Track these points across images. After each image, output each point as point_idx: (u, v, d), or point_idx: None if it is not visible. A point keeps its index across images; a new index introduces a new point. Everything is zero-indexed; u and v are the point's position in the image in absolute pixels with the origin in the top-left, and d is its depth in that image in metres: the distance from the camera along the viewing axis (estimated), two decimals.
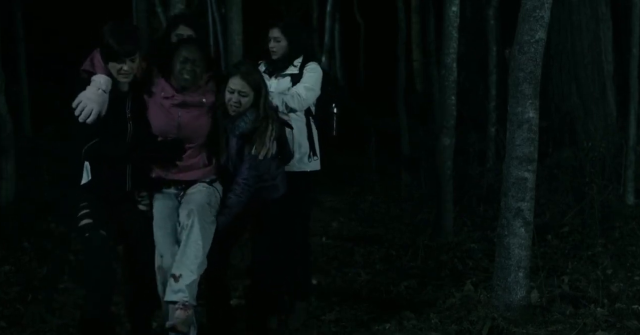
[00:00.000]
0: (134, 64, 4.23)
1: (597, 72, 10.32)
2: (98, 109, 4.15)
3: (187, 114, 4.45)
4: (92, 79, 4.20)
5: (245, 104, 4.48)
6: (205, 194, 4.44)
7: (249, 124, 4.48)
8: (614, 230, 7.15)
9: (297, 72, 5.08)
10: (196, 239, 4.28)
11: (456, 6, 7.00)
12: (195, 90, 4.48)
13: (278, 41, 5.09)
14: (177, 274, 4.24)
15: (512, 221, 4.92)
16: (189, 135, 4.45)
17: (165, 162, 4.42)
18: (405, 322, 5.03)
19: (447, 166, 7.15)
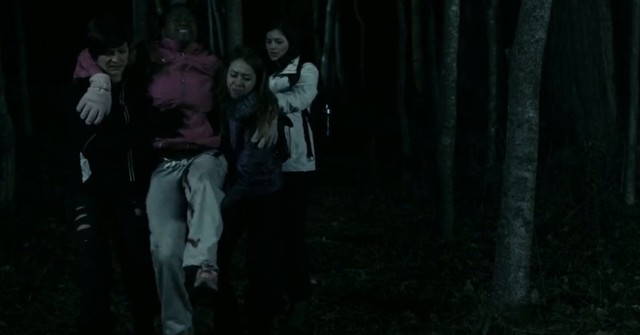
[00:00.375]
0: (123, 56, 4.21)
1: (597, 72, 10.33)
2: (103, 109, 4.16)
3: (192, 79, 4.42)
4: (91, 79, 4.17)
5: (248, 87, 4.45)
6: (213, 162, 4.36)
7: (249, 108, 4.45)
8: (614, 230, 7.15)
9: (294, 72, 5.05)
10: (211, 202, 4.17)
11: (456, 6, 7.00)
12: (194, 53, 4.48)
13: (280, 42, 5.04)
14: (195, 239, 4.12)
15: (512, 221, 4.92)
16: (194, 102, 4.41)
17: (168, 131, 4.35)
18: (406, 322, 5.03)
19: (447, 166, 7.15)
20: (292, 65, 5.07)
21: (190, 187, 4.22)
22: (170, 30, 4.47)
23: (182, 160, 4.40)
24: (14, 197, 7.94)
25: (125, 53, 4.22)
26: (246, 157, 4.45)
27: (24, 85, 13.02)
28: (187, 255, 4.13)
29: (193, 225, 4.14)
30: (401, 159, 10.11)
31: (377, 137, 10.32)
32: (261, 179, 4.53)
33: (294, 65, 5.07)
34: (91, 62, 4.22)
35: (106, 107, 4.17)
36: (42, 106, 12.93)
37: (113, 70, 4.21)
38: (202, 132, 4.43)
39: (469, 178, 9.08)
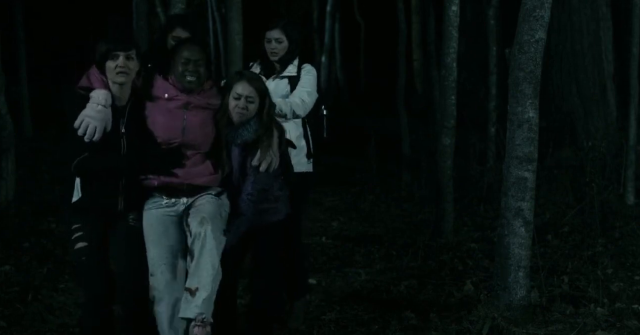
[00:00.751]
0: (130, 63, 4.05)
1: (597, 72, 10.33)
2: (102, 125, 3.99)
3: (193, 117, 4.22)
4: (91, 95, 4.03)
5: (252, 110, 4.29)
6: (215, 204, 4.17)
7: (252, 133, 4.29)
8: (614, 230, 7.15)
9: (295, 74, 4.98)
10: (211, 248, 4.00)
11: (456, 6, 7.00)
12: (199, 93, 4.27)
13: (280, 42, 4.94)
14: (192, 288, 3.96)
15: (512, 221, 4.92)
16: (195, 141, 4.21)
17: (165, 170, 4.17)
18: (406, 322, 5.03)
19: (447, 166, 7.15)
20: (293, 66, 4.99)
21: (191, 232, 4.06)
22: (177, 71, 4.23)
23: (182, 198, 4.22)
24: (14, 197, 7.94)
25: (133, 61, 4.07)
26: (250, 185, 4.29)
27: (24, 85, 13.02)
28: (184, 305, 3.99)
29: (191, 273, 3.99)
30: (401, 159, 10.11)
31: (377, 137, 10.32)
32: (267, 207, 4.36)
33: (294, 66, 4.99)
34: (98, 76, 4.09)
35: (105, 124, 4.00)
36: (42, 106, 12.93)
37: (120, 77, 4.04)
38: (201, 171, 4.23)
39: (469, 178, 9.08)
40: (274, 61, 4.97)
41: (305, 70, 4.98)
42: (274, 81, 4.93)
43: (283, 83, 4.95)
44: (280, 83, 4.94)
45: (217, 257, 4.02)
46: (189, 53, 4.21)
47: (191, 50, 4.23)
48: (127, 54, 4.05)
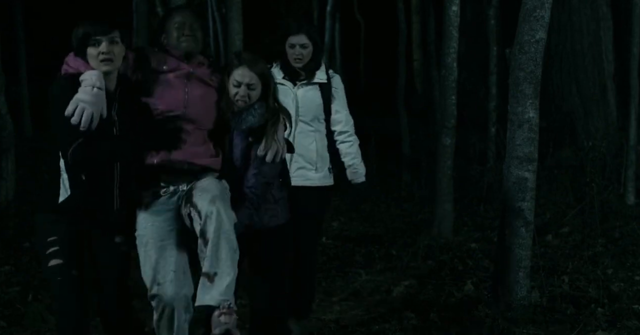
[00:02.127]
0: (114, 48, 3.62)
1: (598, 72, 10.33)
2: (98, 110, 3.58)
3: (196, 89, 3.89)
4: (81, 78, 3.61)
5: (254, 97, 3.96)
6: (220, 184, 3.81)
7: (257, 118, 3.95)
8: (614, 230, 7.15)
9: (325, 82, 4.73)
10: (228, 229, 3.62)
11: (456, 6, 7.00)
12: (199, 65, 3.94)
13: (305, 48, 4.64)
14: (211, 273, 3.58)
15: (512, 221, 4.92)
16: (196, 115, 3.86)
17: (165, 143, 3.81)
18: (406, 322, 5.03)
19: (447, 166, 7.15)
20: (321, 72, 4.74)
21: (200, 212, 3.64)
22: (172, 39, 3.89)
23: (182, 184, 3.85)
24: (14, 197, 7.94)
25: (118, 45, 3.64)
26: (253, 177, 3.93)
27: (24, 85, 13.03)
28: (203, 292, 3.60)
29: (208, 256, 3.58)
30: (401, 159, 10.11)
31: (377, 137, 10.32)
32: (267, 208, 4.02)
33: (322, 72, 4.74)
34: (80, 61, 3.67)
35: (100, 108, 3.60)
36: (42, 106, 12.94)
37: (105, 65, 3.61)
38: (203, 151, 3.88)
39: (469, 178, 9.08)
40: (298, 68, 4.69)
41: (338, 81, 4.79)
42: (302, 88, 4.69)
43: (313, 90, 4.70)
44: (310, 90, 4.70)
45: (234, 237, 3.64)
46: (181, 17, 3.91)
47: (183, 14, 3.94)
48: (110, 38, 3.63)
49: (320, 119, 4.72)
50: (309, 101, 4.67)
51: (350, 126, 4.80)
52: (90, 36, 3.61)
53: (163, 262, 3.73)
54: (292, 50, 4.64)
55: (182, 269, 3.74)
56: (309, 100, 4.67)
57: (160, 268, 3.71)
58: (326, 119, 4.75)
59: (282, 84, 4.64)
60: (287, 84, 4.68)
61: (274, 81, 4.07)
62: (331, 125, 4.78)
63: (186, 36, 3.88)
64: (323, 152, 4.72)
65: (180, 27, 3.88)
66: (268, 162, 3.92)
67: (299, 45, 4.63)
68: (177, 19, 3.89)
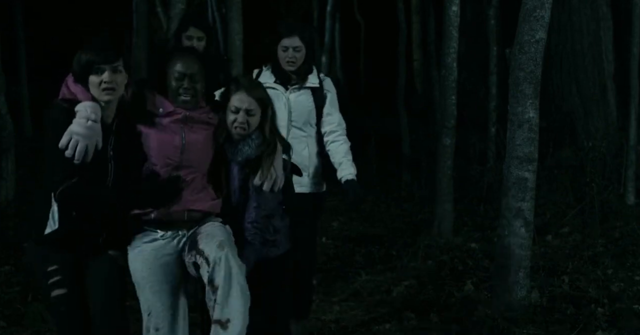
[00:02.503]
0: (117, 77, 3.45)
1: (598, 72, 10.32)
2: (93, 144, 3.38)
3: (193, 134, 3.67)
4: (77, 108, 3.41)
5: (253, 124, 3.74)
6: (224, 229, 3.65)
7: (254, 148, 3.75)
8: (615, 230, 7.15)
9: (318, 86, 4.60)
10: (237, 273, 3.45)
11: (456, 6, 7.00)
12: (198, 108, 3.74)
13: (298, 51, 4.49)
14: (224, 320, 3.41)
15: (512, 221, 4.92)
16: (194, 161, 3.67)
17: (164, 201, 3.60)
18: (406, 322, 5.03)
19: (447, 166, 7.15)
20: (313, 76, 4.60)
21: (208, 258, 3.48)
22: (170, 87, 3.65)
23: (181, 230, 3.68)
24: (14, 197, 7.94)
25: (121, 74, 3.47)
26: (254, 211, 3.77)
27: (24, 85, 13.03)
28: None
29: (220, 303, 3.42)
30: (401, 159, 10.11)
31: (377, 137, 10.33)
32: (267, 239, 3.83)
33: (314, 76, 4.60)
34: (79, 87, 3.48)
35: (95, 142, 3.40)
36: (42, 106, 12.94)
37: (107, 95, 3.44)
38: (203, 197, 3.70)
39: (469, 178, 9.08)
40: (290, 71, 4.55)
41: (328, 84, 4.65)
42: (294, 93, 4.56)
43: (305, 95, 4.58)
44: (301, 95, 4.57)
45: (245, 282, 3.47)
46: (183, 66, 3.63)
47: (185, 62, 3.64)
48: (113, 67, 3.45)
49: (312, 123, 4.62)
50: (301, 106, 4.56)
51: (342, 128, 4.66)
52: (93, 64, 3.44)
53: (162, 306, 3.58)
54: (284, 53, 4.49)
55: (182, 315, 3.62)
56: (301, 105, 4.55)
57: (160, 312, 3.57)
58: (318, 124, 4.64)
59: (274, 88, 4.52)
60: (279, 88, 4.55)
61: (272, 108, 3.84)
62: (322, 128, 4.66)
63: (185, 89, 3.63)
64: (315, 157, 4.62)
65: (180, 78, 3.63)
66: (267, 193, 3.75)
67: (292, 48, 4.48)
68: (178, 68, 3.64)
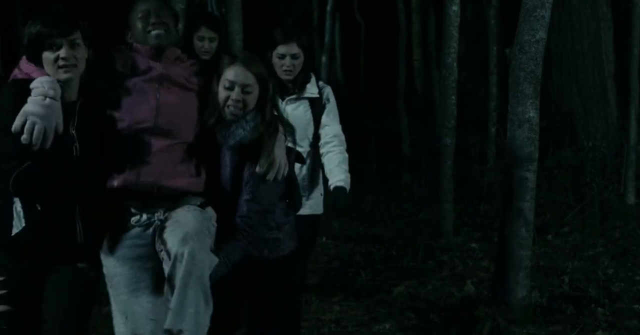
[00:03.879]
0: (76, 52, 2.96)
1: (598, 72, 10.32)
2: (52, 125, 2.86)
3: (171, 95, 3.17)
4: (32, 85, 2.91)
5: (250, 103, 3.22)
6: (199, 216, 3.07)
7: (249, 131, 3.19)
8: (615, 230, 7.15)
9: (317, 96, 4.22)
10: (199, 276, 2.89)
11: (456, 6, 7.00)
12: (176, 63, 3.25)
13: (296, 58, 4.11)
14: (175, 330, 2.85)
15: (512, 221, 4.91)
16: (172, 126, 3.14)
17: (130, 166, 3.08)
18: (406, 322, 5.02)
19: (447, 166, 7.15)
20: (311, 85, 4.23)
21: (169, 252, 2.94)
22: (138, 33, 3.21)
23: (157, 212, 3.12)
24: None
25: (80, 48, 2.99)
26: (245, 205, 3.19)
27: None
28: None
29: (172, 309, 2.86)
30: (401, 159, 10.11)
31: (377, 137, 10.32)
32: (266, 237, 3.27)
33: (312, 85, 4.23)
34: (33, 66, 3.00)
35: (55, 122, 2.88)
36: None
37: (64, 73, 2.96)
38: (180, 171, 3.13)
39: (469, 178, 9.07)
40: (287, 80, 4.17)
41: (328, 94, 4.28)
42: (291, 104, 4.19)
43: (303, 106, 4.22)
44: (299, 106, 4.21)
45: (207, 286, 2.91)
46: (145, 4, 3.21)
47: (148, 2, 3.23)
48: (70, 40, 2.97)
49: (310, 137, 4.27)
50: (299, 119, 4.14)
51: (339, 139, 4.28)
52: (46, 38, 2.94)
53: (139, 309, 3.04)
54: (281, 61, 4.10)
55: (160, 316, 2.99)
56: (299, 118, 4.15)
57: (137, 316, 3.04)
58: (315, 138, 4.28)
59: None
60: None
61: (273, 86, 3.32)
62: (320, 139, 4.30)
63: (153, 25, 3.19)
64: (313, 174, 4.26)
65: (146, 16, 3.20)
66: (266, 185, 3.20)
67: (290, 56, 4.09)
68: (141, 8, 3.21)
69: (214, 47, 4.67)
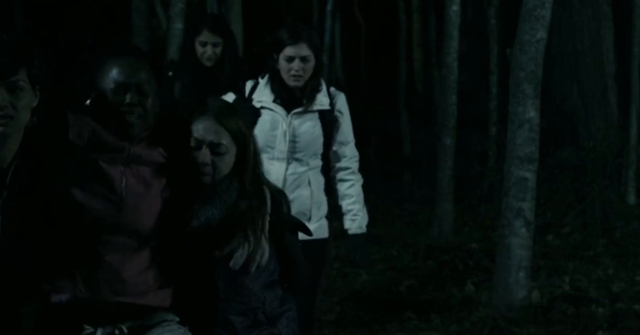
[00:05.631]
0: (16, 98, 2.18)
1: (599, 72, 10.32)
2: None
3: (136, 180, 2.38)
4: None
5: (223, 168, 2.46)
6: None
7: (219, 209, 2.43)
8: (615, 230, 7.14)
9: (328, 108, 3.59)
10: None
11: (457, 5, 6.99)
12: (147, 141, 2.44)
13: (307, 61, 3.48)
14: None
15: (513, 221, 4.91)
16: (140, 222, 2.37)
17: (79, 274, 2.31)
18: (406, 323, 5.02)
19: (448, 166, 7.14)
20: (322, 95, 3.59)
21: None
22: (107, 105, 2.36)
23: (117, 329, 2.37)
24: None
25: (23, 95, 2.19)
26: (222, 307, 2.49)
27: None
28: None
29: None
30: (402, 159, 10.10)
31: (378, 136, 10.31)
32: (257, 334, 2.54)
33: (323, 94, 3.60)
34: None
35: None
36: None
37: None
38: (143, 281, 2.37)
39: (469, 178, 9.07)
40: (295, 86, 3.53)
41: (341, 103, 3.68)
42: (299, 118, 3.57)
43: (312, 120, 3.59)
44: (309, 120, 3.58)
45: None
46: (121, 68, 2.36)
47: (125, 65, 2.37)
48: (11, 83, 2.17)
49: (317, 154, 3.67)
50: (307, 134, 3.58)
51: (355, 162, 3.78)
52: None
53: None
54: (289, 65, 3.47)
55: None
56: (307, 133, 3.58)
57: None
58: (325, 153, 3.70)
59: (272, 109, 3.55)
60: (279, 110, 3.54)
61: (255, 144, 2.56)
62: (331, 160, 3.73)
63: (129, 105, 2.34)
64: (319, 195, 3.69)
65: (119, 89, 2.34)
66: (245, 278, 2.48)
67: (299, 58, 3.46)
68: (114, 75, 2.35)
69: (218, 52, 4.35)
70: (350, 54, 20.31)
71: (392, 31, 12.69)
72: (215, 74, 4.42)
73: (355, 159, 3.79)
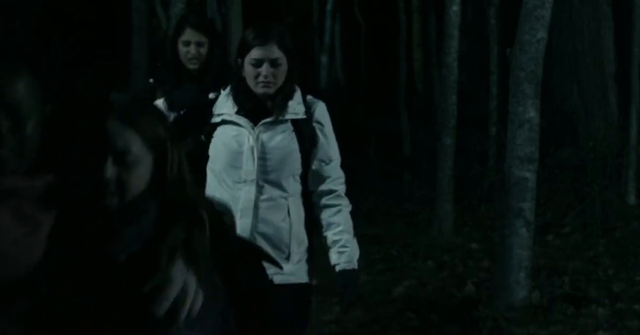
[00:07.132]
0: None
1: (599, 72, 10.32)
2: None
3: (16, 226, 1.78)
4: None
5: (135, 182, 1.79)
6: None
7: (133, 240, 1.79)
8: (615, 230, 7.14)
9: (304, 117, 3.02)
10: None
11: (457, 5, 6.99)
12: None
13: (278, 65, 2.95)
14: None
15: (513, 221, 4.90)
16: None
17: None
18: (406, 323, 5.01)
19: (448, 166, 7.14)
20: (296, 102, 3.03)
21: None
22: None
23: None
24: None
25: None
26: None
27: None
28: None
29: None
30: (402, 159, 10.10)
31: (378, 136, 10.31)
32: None
33: (297, 102, 3.04)
34: None
35: None
36: None
37: None
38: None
39: (469, 178, 9.07)
40: (264, 93, 2.98)
41: (320, 112, 3.08)
42: (268, 131, 2.99)
43: (285, 132, 3.02)
44: (279, 132, 3.01)
45: None
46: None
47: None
48: None
49: (295, 176, 3.06)
50: (279, 149, 3.00)
51: (340, 184, 3.15)
52: None
53: None
54: (256, 70, 2.94)
55: None
56: (279, 148, 3.00)
57: None
58: (303, 175, 3.09)
59: (236, 123, 3.01)
60: (243, 123, 2.99)
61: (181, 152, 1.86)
62: (310, 182, 3.11)
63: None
64: (299, 228, 3.10)
65: None
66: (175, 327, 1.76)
67: (269, 62, 2.93)
68: None
69: (203, 53, 3.96)
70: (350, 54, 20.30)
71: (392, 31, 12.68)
72: (200, 79, 3.95)
73: (340, 181, 3.15)
